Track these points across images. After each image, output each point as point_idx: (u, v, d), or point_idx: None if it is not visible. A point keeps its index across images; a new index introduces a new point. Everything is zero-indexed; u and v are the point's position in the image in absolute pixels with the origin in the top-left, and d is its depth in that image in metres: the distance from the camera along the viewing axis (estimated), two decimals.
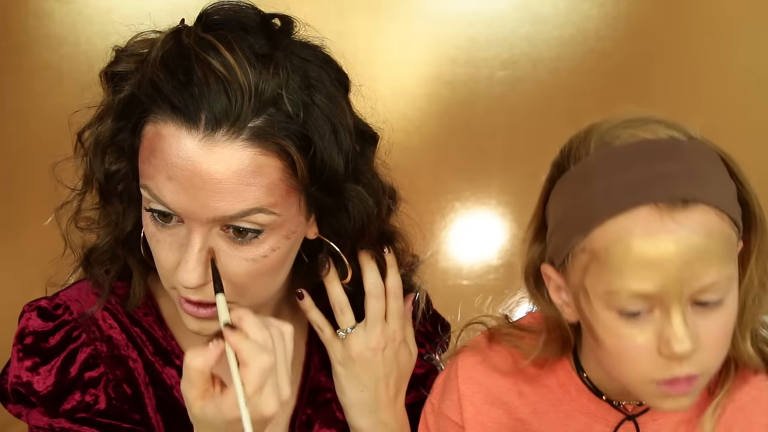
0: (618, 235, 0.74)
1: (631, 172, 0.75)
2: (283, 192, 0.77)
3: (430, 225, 1.97)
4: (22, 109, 1.72)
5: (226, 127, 0.73)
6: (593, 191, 0.77)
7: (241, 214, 0.76)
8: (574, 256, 0.79)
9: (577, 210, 0.78)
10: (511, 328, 0.92)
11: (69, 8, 1.82)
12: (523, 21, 1.95)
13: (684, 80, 1.98)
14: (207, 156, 0.73)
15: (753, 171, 1.75)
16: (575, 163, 0.80)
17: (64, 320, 0.90)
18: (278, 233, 0.79)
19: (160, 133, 0.75)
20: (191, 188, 0.74)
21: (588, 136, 0.81)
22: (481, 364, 0.91)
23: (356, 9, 1.91)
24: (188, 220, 0.76)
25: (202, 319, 0.82)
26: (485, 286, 1.95)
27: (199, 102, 0.73)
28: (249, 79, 0.74)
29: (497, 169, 2.01)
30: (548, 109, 1.98)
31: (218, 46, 0.75)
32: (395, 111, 1.95)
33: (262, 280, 0.81)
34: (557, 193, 0.83)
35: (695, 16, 1.99)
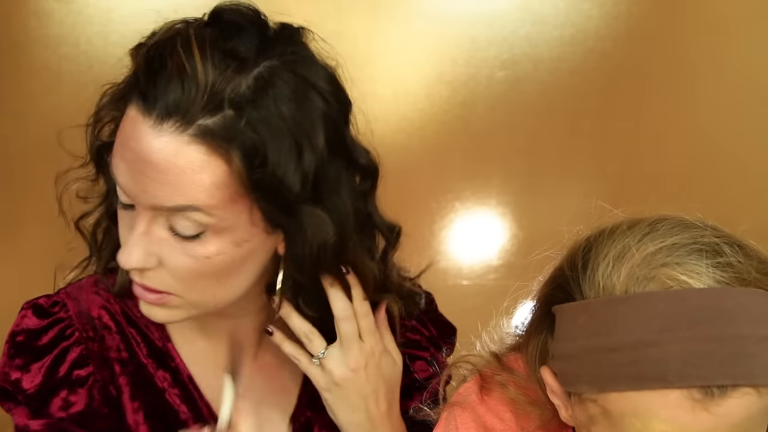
0: (639, 410, 0.66)
1: (664, 340, 0.65)
2: (226, 197, 0.76)
3: (430, 225, 1.97)
4: (21, 109, 1.72)
5: (174, 119, 0.74)
6: (616, 350, 0.66)
7: (178, 208, 0.76)
8: (582, 401, 0.72)
9: (592, 359, 0.69)
10: (505, 372, 0.84)
11: (69, 8, 1.82)
12: (524, 21, 1.95)
13: (683, 80, 1.98)
14: (153, 143, 0.74)
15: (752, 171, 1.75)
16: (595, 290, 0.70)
17: (58, 318, 0.90)
18: (224, 238, 0.78)
19: (127, 115, 0.77)
20: (135, 172, 0.75)
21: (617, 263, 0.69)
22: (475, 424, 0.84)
23: (355, 9, 1.91)
24: (134, 203, 0.78)
25: (149, 305, 0.83)
26: (485, 286, 1.95)
27: (159, 89, 0.74)
28: (207, 76, 0.74)
29: (497, 169, 2.01)
30: (548, 109, 1.98)
31: (192, 41, 0.75)
32: (395, 111, 1.95)
33: (205, 282, 0.80)
34: (570, 318, 0.72)
35: (695, 17, 1.99)
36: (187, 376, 0.92)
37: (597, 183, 2.00)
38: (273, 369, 0.94)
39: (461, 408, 0.86)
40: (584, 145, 1.99)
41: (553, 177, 1.99)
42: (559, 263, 0.77)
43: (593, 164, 2.00)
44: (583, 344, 0.70)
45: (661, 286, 0.67)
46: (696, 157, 1.95)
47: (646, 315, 0.66)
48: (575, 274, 0.72)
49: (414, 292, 0.98)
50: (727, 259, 0.68)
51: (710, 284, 0.67)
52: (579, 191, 1.98)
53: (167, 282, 0.80)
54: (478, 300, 1.89)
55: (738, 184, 1.91)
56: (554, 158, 2.00)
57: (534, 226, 1.96)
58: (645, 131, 1.97)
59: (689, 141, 1.96)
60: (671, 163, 1.96)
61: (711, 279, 0.67)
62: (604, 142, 2.00)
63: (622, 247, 0.70)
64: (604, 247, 0.71)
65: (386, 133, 1.93)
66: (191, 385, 0.92)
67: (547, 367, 0.76)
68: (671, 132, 1.96)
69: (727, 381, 0.64)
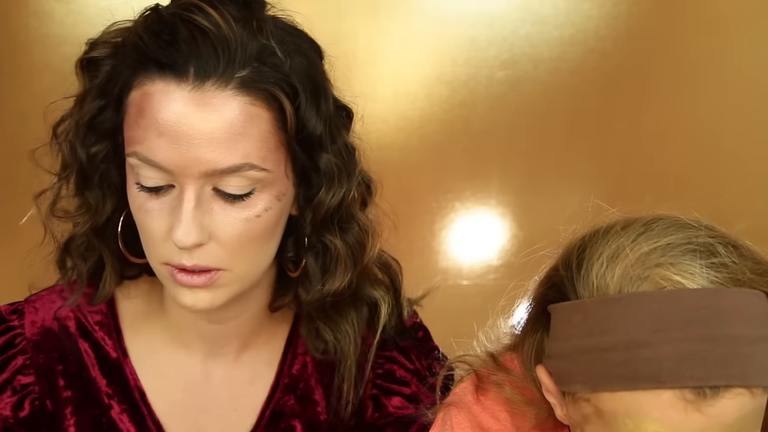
0: (631, 410, 0.66)
1: (658, 340, 0.65)
2: (272, 146, 0.77)
3: (430, 225, 1.97)
4: (21, 109, 1.72)
5: (215, 78, 0.74)
6: (609, 350, 0.66)
7: (233, 168, 0.75)
8: (575, 399, 0.72)
9: (585, 358, 0.69)
10: (500, 371, 0.84)
11: (69, 8, 1.82)
12: (524, 21, 1.95)
13: (684, 80, 1.98)
14: (197, 107, 0.74)
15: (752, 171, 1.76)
16: (589, 290, 0.70)
17: (11, 326, 0.90)
18: (269, 192, 0.79)
19: (148, 92, 0.75)
20: (183, 140, 0.74)
21: (611, 262, 0.69)
22: (471, 424, 0.84)
23: (356, 9, 1.91)
24: (180, 176, 0.76)
25: (196, 289, 0.80)
26: (485, 286, 1.95)
27: (186, 56, 0.74)
28: (235, 33, 0.75)
29: (497, 169, 2.01)
30: (548, 109, 1.98)
31: (202, 5, 0.75)
32: (395, 111, 1.95)
33: (254, 245, 0.80)
34: (565, 317, 0.72)
35: (695, 17, 1.99)
36: (139, 392, 0.90)
37: (597, 183, 2.00)
38: (242, 386, 0.92)
39: (457, 408, 0.85)
40: (584, 145, 1.99)
41: (553, 177, 1.99)
42: (554, 263, 0.77)
43: (593, 164, 2.00)
44: (577, 344, 0.69)
45: (655, 286, 0.66)
46: (696, 157, 1.95)
47: (639, 315, 0.66)
48: (570, 274, 0.72)
49: (390, 261, 0.96)
50: (722, 259, 0.68)
51: (704, 284, 0.66)
52: (579, 191, 1.98)
53: (218, 255, 0.79)
54: (477, 300, 1.89)
55: (738, 184, 1.91)
56: (554, 158, 2.00)
57: (534, 226, 1.96)
58: (645, 131, 1.97)
59: (689, 141, 1.96)
60: (671, 163, 1.96)
61: (705, 279, 0.67)
62: (604, 142, 2.00)
63: (616, 247, 0.70)
64: (599, 247, 0.71)
65: (386, 132, 1.93)
66: (142, 403, 0.89)
67: (542, 366, 0.76)
68: (671, 132, 1.96)
69: (720, 381, 0.64)
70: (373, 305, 0.94)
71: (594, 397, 0.69)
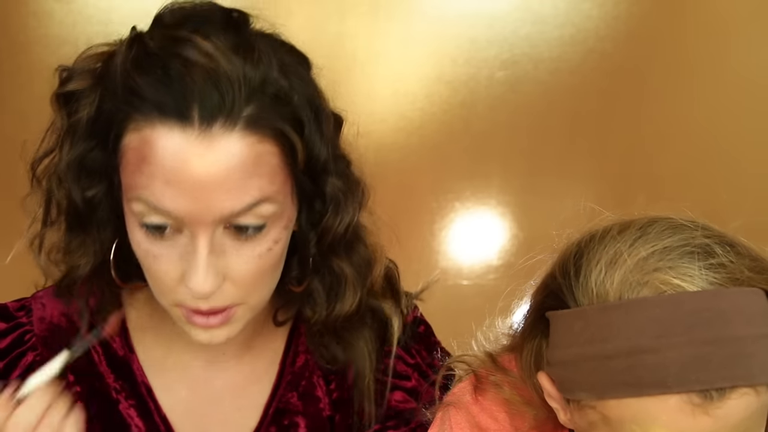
0: (639, 416, 0.66)
1: (661, 345, 0.65)
2: (282, 179, 0.75)
3: (430, 225, 1.98)
4: (21, 109, 1.72)
5: (221, 120, 0.70)
6: (613, 357, 0.66)
7: (248, 208, 0.73)
8: (580, 407, 0.72)
9: (589, 366, 0.68)
10: (499, 372, 0.84)
11: (69, 8, 1.82)
12: (524, 21, 1.95)
13: (683, 80, 1.98)
14: (206, 152, 0.70)
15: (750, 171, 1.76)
16: (588, 297, 0.69)
17: (19, 323, 0.89)
18: (279, 224, 0.77)
19: (148, 139, 0.71)
20: (194, 189, 0.70)
21: (610, 269, 0.69)
22: (470, 425, 0.84)
23: (356, 9, 1.91)
24: (192, 224, 0.73)
25: (212, 329, 0.79)
26: (485, 286, 1.95)
27: (188, 98, 0.70)
28: (235, 68, 0.71)
29: (497, 169, 2.01)
30: (548, 109, 1.98)
31: (193, 38, 0.72)
32: (395, 111, 1.95)
33: (266, 276, 0.79)
34: (566, 325, 0.72)
35: (695, 17, 1.99)
36: (146, 388, 0.89)
37: (597, 183, 2.00)
38: (243, 387, 0.92)
39: (455, 408, 0.85)
40: (584, 145, 1.99)
41: (553, 177, 1.99)
42: (550, 270, 0.77)
43: (593, 164, 2.00)
44: (579, 351, 0.69)
45: (655, 291, 0.66)
46: (694, 157, 1.95)
47: (641, 321, 0.66)
48: (568, 281, 0.72)
49: (387, 263, 0.94)
50: (719, 259, 0.68)
51: (703, 286, 0.66)
52: (579, 191, 1.98)
53: (233, 294, 0.77)
54: (477, 300, 1.89)
55: (736, 184, 1.91)
56: (554, 158, 2.00)
57: (534, 226, 1.96)
58: (644, 131, 1.97)
59: (689, 141, 1.96)
60: (671, 163, 1.96)
61: (704, 281, 0.66)
62: (603, 142, 2.00)
63: (614, 253, 0.70)
64: (596, 254, 0.71)
65: (386, 132, 1.93)
66: (149, 398, 0.89)
67: (543, 372, 0.76)
68: (670, 132, 1.96)
69: (725, 383, 0.64)
70: (383, 318, 0.93)
71: (600, 404, 0.68)
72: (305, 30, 0.84)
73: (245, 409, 0.91)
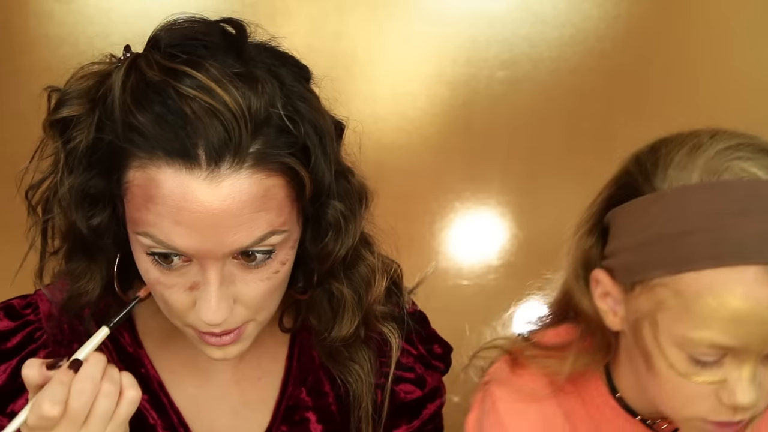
0: (715, 287, 0.69)
1: (741, 221, 0.69)
2: (289, 208, 0.75)
3: (430, 225, 1.98)
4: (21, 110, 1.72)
5: (229, 158, 0.69)
6: (695, 233, 0.70)
7: (257, 241, 0.73)
8: (649, 287, 0.74)
9: (667, 243, 0.72)
10: (535, 348, 0.87)
11: (69, 9, 1.82)
12: (524, 21, 1.95)
13: (683, 80, 1.98)
14: (216, 193, 0.69)
15: None
16: (669, 182, 0.74)
17: (28, 320, 0.89)
18: (286, 247, 0.77)
19: (155, 179, 0.70)
20: (204, 228, 0.70)
21: (692, 156, 0.74)
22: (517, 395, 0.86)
23: (356, 9, 1.91)
24: (202, 259, 0.73)
25: (225, 346, 0.79)
26: (485, 286, 1.95)
27: (193, 138, 0.68)
28: (239, 102, 0.70)
29: (497, 169, 2.01)
30: (548, 109, 1.98)
31: (192, 73, 0.70)
32: (396, 111, 1.95)
33: (275, 295, 0.79)
34: (640, 210, 0.76)
35: (695, 17, 1.99)
36: (158, 383, 0.89)
37: (597, 183, 2.00)
38: (251, 382, 0.92)
39: (495, 384, 0.88)
40: (584, 145, 1.99)
41: (553, 177, 1.99)
42: (620, 170, 0.82)
43: (593, 164, 2.00)
44: (658, 231, 0.73)
45: (735, 176, 0.71)
46: None
47: (723, 200, 0.70)
48: (645, 171, 0.76)
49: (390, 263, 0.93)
50: None
51: None
52: (578, 191, 1.97)
53: (243, 314, 0.77)
54: (478, 300, 1.89)
55: None
56: (554, 158, 2.00)
57: (534, 226, 1.96)
58: (645, 131, 1.97)
59: None
60: None
61: None
62: (603, 142, 2.00)
63: (694, 144, 0.75)
64: (676, 146, 0.76)
65: (386, 132, 1.93)
66: (162, 393, 0.89)
67: (600, 269, 0.79)
68: (670, 131, 1.96)
69: None
70: (382, 339, 0.92)
71: (674, 280, 0.71)
72: (304, 30, 0.84)
73: (253, 404, 0.91)
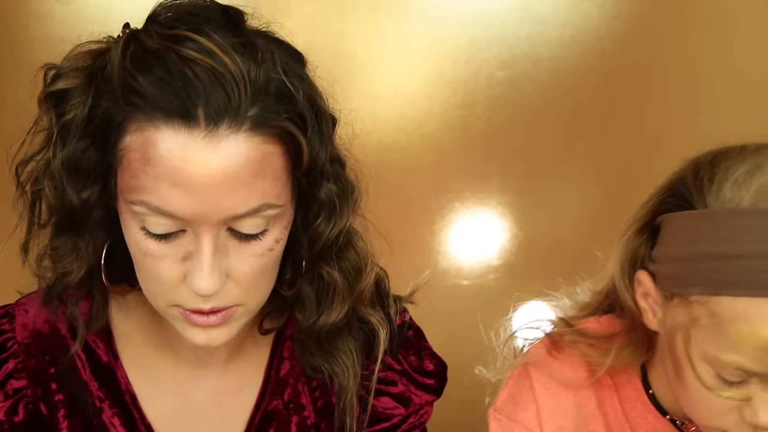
0: (749, 316, 0.70)
1: None
2: (284, 180, 0.75)
3: (430, 225, 1.98)
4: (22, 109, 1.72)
5: (228, 120, 0.69)
6: (739, 257, 0.71)
7: (252, 211, 0.73)
8: (687, 302, 0.75)
9: (711, 262, 0.73)
10: (577, 334, 0.88)
11: (69, 8, 1.82)
12: (523, 21, 1.95)
13: (683, 80, 1.98)
14: (213, 154, 0.69)
15: None
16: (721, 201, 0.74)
17: (1, 330, 0.88)
18: (280, 224, 0.77)
19: (152, 140, 0.70)
20: (201, 190, 0.70)
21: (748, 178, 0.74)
22: (552, 379, 0.88)
23: (356, 9, 1.91)
24: (197, 225, 0.72)
25: (210, 328, 0.78)
26: (485, 286, 1.95)
27: (193, 97, 0.69)
28: (239, 67, 0.70)
29: (497, 169, 2.01)
30: (548, 109, 1.98)
31: (194, 37, 0.70)
32: (395, 111, 1.95)
33: (266, 276, 0.79)
34: (690, 224, 0.76)
35: (695, 17, 1.99)
36: (131, 396, 0.88)
37: (597, 183, 2.00)
38: (231, 393, 0.91)
39: (534, 366, 0.89)
40: (584, 145, 1.99)
41: (553, 177, 1.99)
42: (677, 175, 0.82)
43: (593, 164, 2.00)
44: (703, 249, 0.73)
45: None
46: None
47: None
48: (699, 185, 0.77)
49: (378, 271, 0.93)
50: None
51: None
52: (578, 191, 1.98)
53: (234, 294, 0.76)
54: (478, 300, 1.89)
55: None
56: (554, 158, 2.00)
57: (534, 226, 1.96)
58: (644, 131, 1.98)
59: (689, 141, 1.95)
60: (670, 163, 1.96)
61: None
62: (603, 142, 2.00)
63: (753, 165, 0.75)
64: (734, 163, 0.76)
65: (386, 132, 1.93)
66: (133, 406, 0.88)
67: (644, 270, 0.80)
68: (670, 132, 1.96)
69: None
70: (369, 330, 0.91)
71: (712, 300, 0.72)
72: (304, 29, 0.83)
73: (231, 417, 0.90)
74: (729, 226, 0.72)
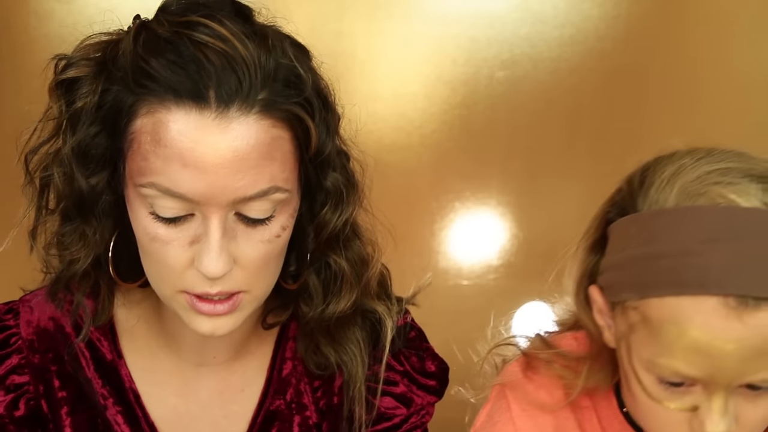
0: (676, 316, 0.68)
1: (706, 250, 0.68)
2: (292, 166, 0.76)
3: (430, 225, 1.98)
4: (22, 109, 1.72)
5: (238, 103, 0.71)
6: (661, 258, 0.70)
7: (260, 194, 0.73)
8: (624, 309, 0.75)
9: (637, 266, 0.72)
10: (552, 354, 0.87)
11: (69, 8, 1.82)
12: (523, 21, 1.95)
13: (683, 80, 1.98)
14: (223, 135, 0.70)
15: None
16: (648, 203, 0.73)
17: (6, 325, 0.89)
18: (287, 211, 0.78)
19: (163, 121, 0.71)
20: (211, 171, 0.71)
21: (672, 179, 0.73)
22: (527, 401, 0.86)
23: (356, 9, 1.91)
24: (205, 207, 0.73)
25: (216, 317, 0.78)
26: (485, 287, 1.95)
27: (205, 80, 0.70)
28: (251, 52, 0.72)
29: (497, 169, 2.01)
30: (548, 109, 1.98)
31: (207, 22, 0.72)
32: (395, 111, 1.95)
33: (272, 264, 0.79)
34: (622, 230, 0.76)
35: (695, 17, 1.99)
36: (134, 394, 0.88)
37: (597, 183, 1.99)
38: (234, 393, 0.91)
39: (510, 387, 0.88)
40: (583, 145, 2.00)
41: (553, 177, 1.99)
42: (620, 185, 0.81)
43: (593, 164, 2.00)
44: (631, 253, 0.73)
45: (710, 201, 0.69)
46: None
47: (692, 226, 0.69)
48: (632, 191, 0.76)
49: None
50: None
51: (757, 206, 0.69)
52: (578, 191, 1.98)
53: (240, 279, 0.77)
54: (478, 300, 1.89)
55: None
56: (554, 158, 2.00)
57: (534, 226, 1.96)
58: (644, 131, 1.98)
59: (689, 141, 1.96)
60: None
61: (759, 201, 0.69)
62: (603, 142, 2.00)
63: (678, 166, 0.74)
64: (662, 167, 0.75)
65: (386, 132, 1.93)
66: (137, 404, 0.88)
67: (595, 285, 0.79)
68: (670, 132, 1.96)
69: (763, 293, 0.66)
70: (376, 320, 0.92)
71: (642, 304, 0.71)
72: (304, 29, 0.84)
73: (234, 416, 0.91)
74: (652, 227, 0.71)
